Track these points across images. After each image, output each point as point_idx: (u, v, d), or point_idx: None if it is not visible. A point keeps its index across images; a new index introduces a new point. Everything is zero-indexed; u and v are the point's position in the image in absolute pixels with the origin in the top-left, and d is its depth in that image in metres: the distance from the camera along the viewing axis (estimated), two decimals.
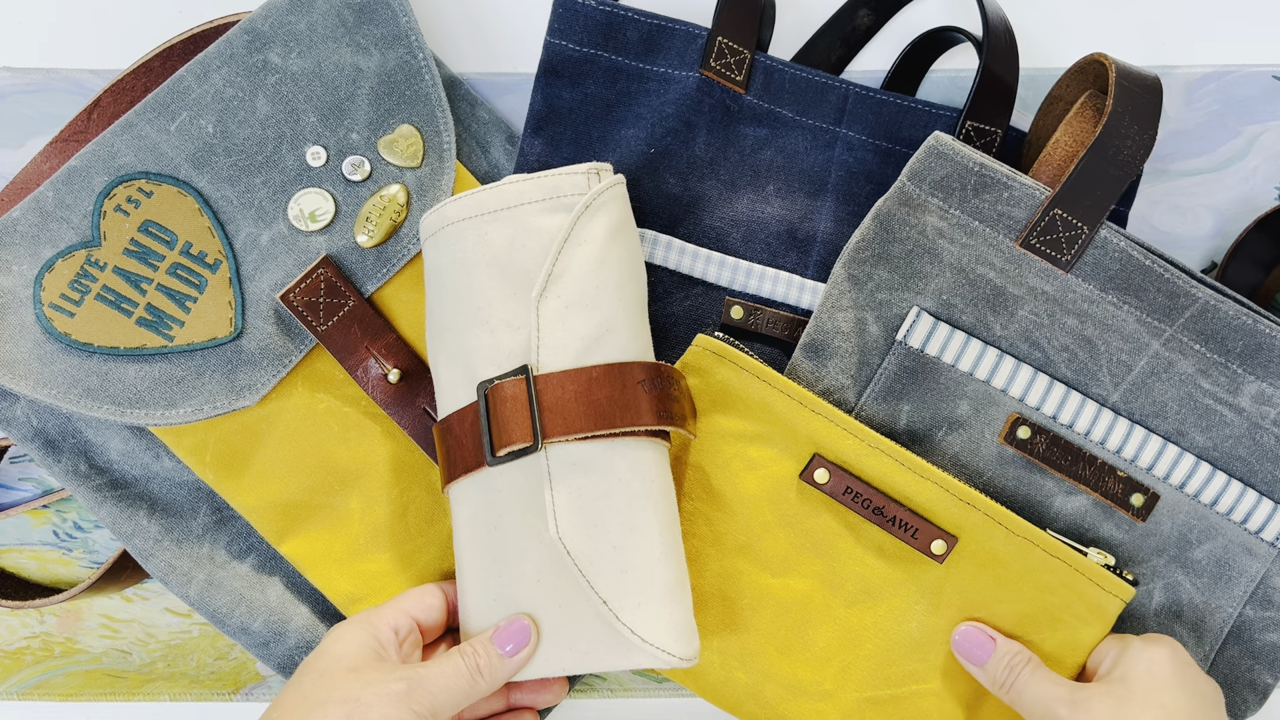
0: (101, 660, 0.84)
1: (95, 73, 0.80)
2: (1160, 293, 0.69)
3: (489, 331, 0.68)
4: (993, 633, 0.69)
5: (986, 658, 0.69)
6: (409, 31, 0.75)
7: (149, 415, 0.72)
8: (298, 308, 0.73)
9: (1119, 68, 0.69)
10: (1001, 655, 0.68)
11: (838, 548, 0.71)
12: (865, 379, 0.72)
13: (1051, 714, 0.65)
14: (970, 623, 0.70)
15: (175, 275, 0.72)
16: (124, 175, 0.71)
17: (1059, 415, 0.71)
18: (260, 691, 0.84)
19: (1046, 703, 0.65)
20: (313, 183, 0.74)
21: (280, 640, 0.76)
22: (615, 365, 0.67)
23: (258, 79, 0.73)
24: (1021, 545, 0.70)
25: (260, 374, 0.73)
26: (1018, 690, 0.67)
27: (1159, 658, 0.66)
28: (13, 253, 0.70)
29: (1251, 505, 0.71)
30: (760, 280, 0.77)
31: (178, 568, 0.75)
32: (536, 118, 0.77)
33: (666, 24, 0.76)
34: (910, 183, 0.70)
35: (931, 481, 0.70)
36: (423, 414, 0.75)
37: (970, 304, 0.71)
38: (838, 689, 0.72)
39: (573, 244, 0.67)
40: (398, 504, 0.76)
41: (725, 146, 0.76)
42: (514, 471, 0.66)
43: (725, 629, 0.72)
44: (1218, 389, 0.70)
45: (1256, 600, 0.72)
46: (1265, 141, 0.81)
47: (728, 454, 0.72)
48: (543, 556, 0.66)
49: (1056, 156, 0.70)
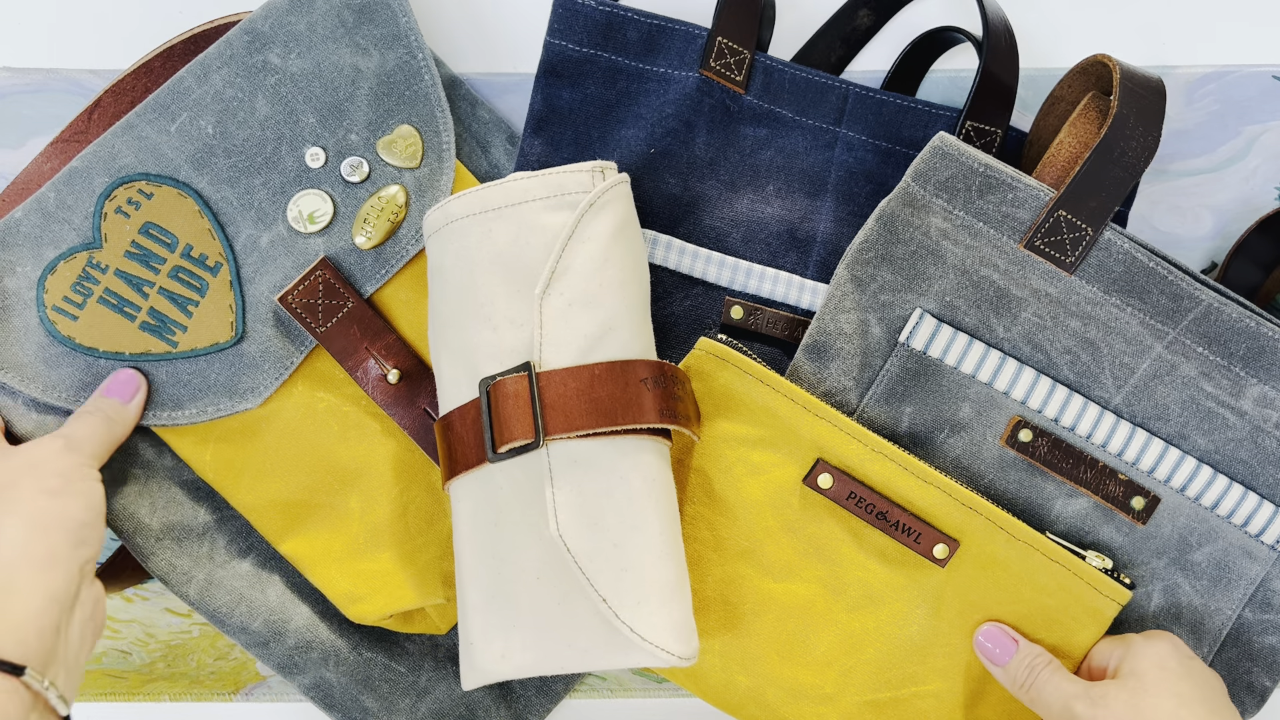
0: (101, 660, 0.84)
1: (95, 73, 0.79)
2: (1164, 295, 0.69)
3: (491, 328, 0.68)
4: (1015, 634, 0.70)
5: (1009, 658, 0.69)
6: (408, 32, 0.75)
7: (154, 417, 0.72)
8: (296, 309, 0.73)
9: (1123, 69, 0.69)
10: (1023, 656, 0.69)
11: (840, 553, 0.71)
12: (867, 381, 0.72)
13: (1070, 711, 0.65)
14: (993, 623, 0.70)
15: (176, 279, 0.72)
16: (124, 177, 0.71)
17: (1061, 418, 0.71)
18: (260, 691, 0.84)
19: (1065, 700, 0.66)
20: (312, 184, 0.74)
21: (280, 640, 0.76)
22: (618, 363, 0.67)
23: (257, 80, 0.73)
24: (1021, 549, 0.70)
25: (262, 377, 0.73)
26: (1037, 690, 0.67)
27: (1164, 651, 0.67)
28: (16, 254, 0.70)
29: (1252, 508, 0.71)
30: (760, 280, 0.77)
31: (178, 567, 0.75)
32: (536, 118, 0.77)
33: (666, 24, 0.76)
34: (914, 183, 0.70)
35: (934, 486, 0.70)
36: (423, 414, 0.75)
37: (973, 306, 0.71)
38: (838, 692, 0.72)
39: (576, 242, 0.68)
40: (398, 503, 0.76)
41: (725, 146, 0.76)
42: (515, 469, 0.66)
43: (727, 633, 0.72)
44: (1220, 392, 0.70)
45: (1256, 603, 0.72)
46: (1265, 141, 0.81)
47: (730, 458, 0.72)
48: (543, 554, 0.66)
49: (1060, 158, 0.70)
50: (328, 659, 0.77)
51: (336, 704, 0.77)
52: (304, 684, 0.77)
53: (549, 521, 0.65)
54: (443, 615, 0.78)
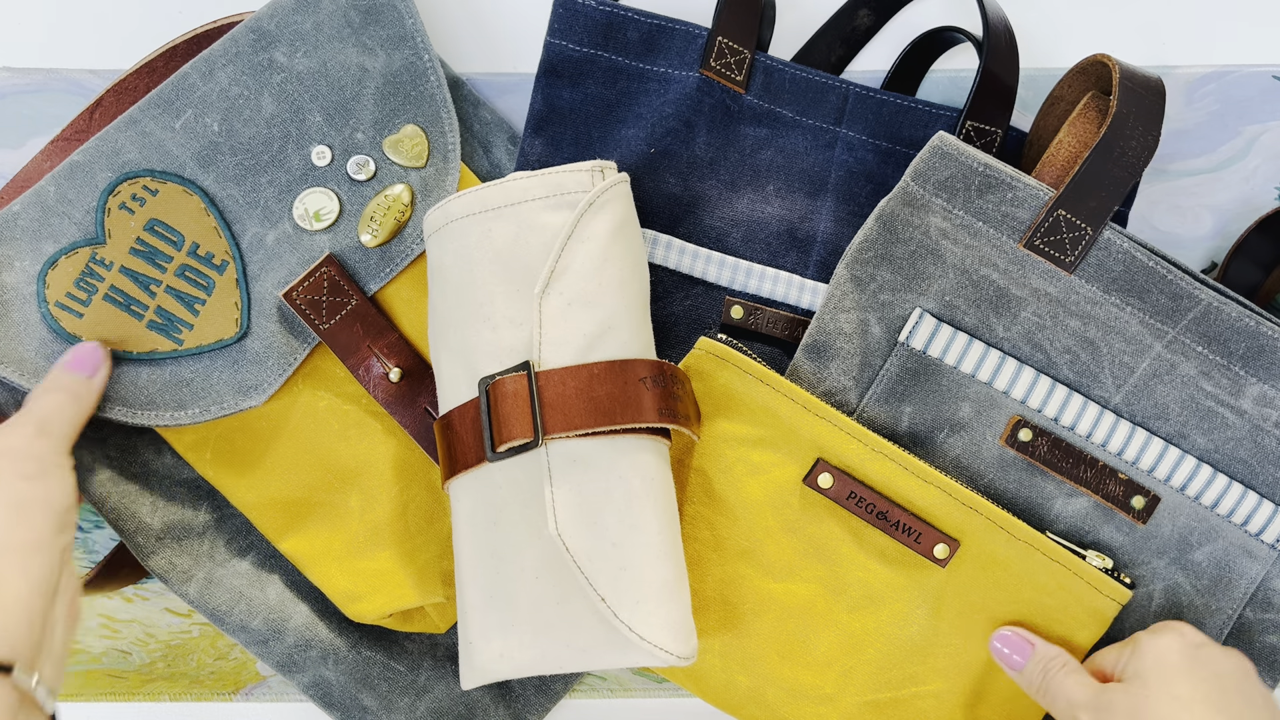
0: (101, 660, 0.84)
1: (95, 73, 0.79)
2: (1163, 294, 0.69)
3: (491, 328, 0.68)
4: (1032, 637, 0.69)
5: (1025, 661, 0.69)
6: (415, 32, 0.75)
7: (159, 417, 0.72)
8: (300, 306, 0.73)
9: (1123, 69, 0.69)
10: (1039, 658, 0.68)
11: (840, 553, 0.71)
12: (867, 381, 0.72)
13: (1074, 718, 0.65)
14: (1010, 628, 0.70)
15: (184, 278, 0.72)
16: (129, 172, 0.71)
17: (1060, 418, 0.71)
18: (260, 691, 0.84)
19: (1072, 710, 0.65)
20: (318, 182, 0.74)
21: (279, 638, 0.76)
22: (617, 362, 0.67)
23: (263, 78, 0.73)
24: (1022, 549, 0.70)
25: (266, 373, 0.73)
26: (1049, 691, 0.67)
27: (1165, 646, 0.65)
28: (14, 248, 0.70)
29: (1252, 507, 0.71)
30: (760, 280, 0.77)
31: (178, 565, 0.75)
32: (537, 118, 0.77)
33: (666, 24, 0.76)
34: (914, 183, 0.70)
35: (934, 485, 0.70)
36: (424, 413, 0.75)
37: (973, 305, 0.71)
38: (839, 692, 0.72)
39: (576, 241, 0.68)
40: (398, 502, 0.76)
41: (725, 146, 0.76)
42: (514, 468, 0.66)
43: (727, 633, 0.72)
44: (1220, 391, 0.70)
45: (1256, 602, 0.72)
46: (1265, 141, 0.81)
47: (730, 458, 0.72)
48: (542, 553, 0.66)
49: (1060, 157, 0.70)
50: (327, 657, 0.77)
51: (336, 703, 0.77)
52: (303, 682, 0.77)
53: (548, 521, 0.65)
54: (442, 614, 0.78)
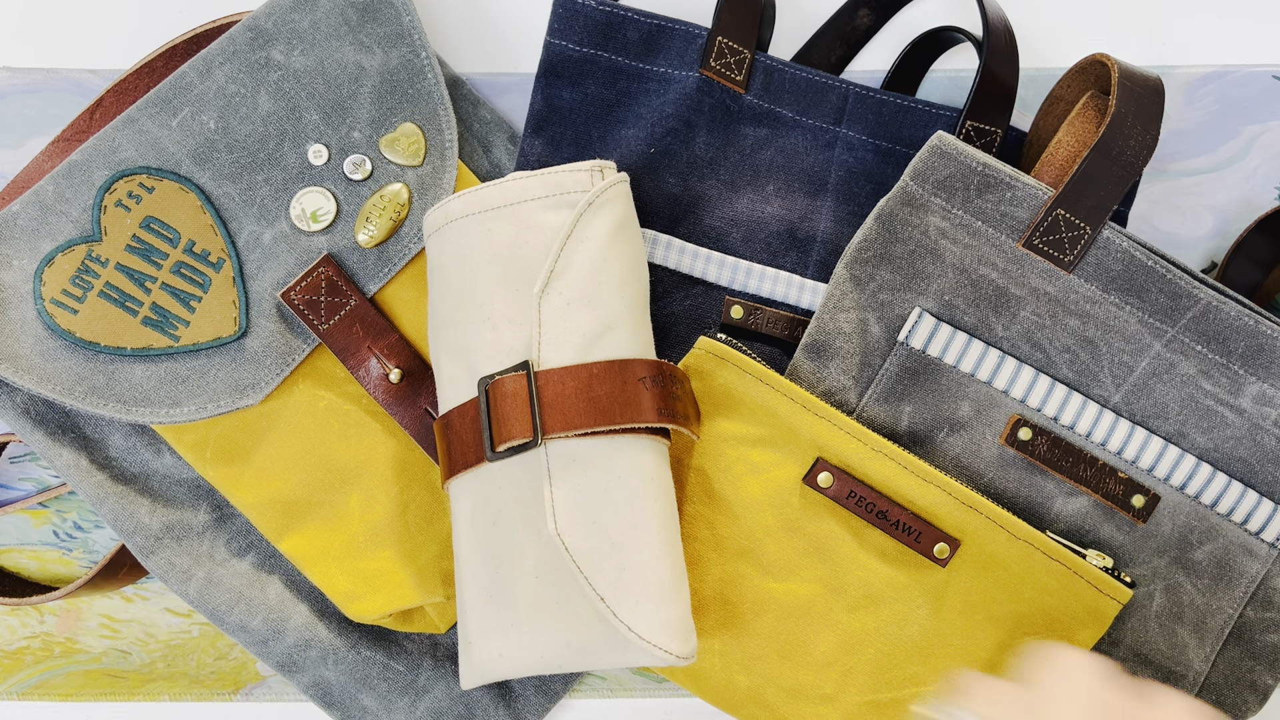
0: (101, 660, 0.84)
1: (95, 73, 0.80)
2: (1162, 293, 0.69)
3: (490, 327, 0.68)
4: None
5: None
6: (412, 30, 0.75)
7: (154, 414, 0.72)
8: (299, 306, 0.73)
9: (1121, 68, 0.69)
10: None
11: (840, 552, 0.71)
12: (867, 380, 0.72)
13: None
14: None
15: (179, 274, 0.72)
16: (125, 170, 0.71)
17: (1060, 417, 0.71)
18: (260, 691, 0.84)
19: None
20: (314, 181, 0.74)
21: (279, 638, 0.76)
22: (616, 362, 0.67)
23: (260, 76, 0.73)
24: (1022, 548, 0.70)
25: (264, 372, 0.73)
26: None
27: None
28: (13, 247, 0.70)
29: (1252, 506, 0.71)
30: (760, 280, 0.77)
31: (177, 565, 0.75)
32: (537, 118, 0.77)
33: (666, 24, 0.76)
34: (913, 182, 0.70)
35: (934, 485, 0.69)
36: (424, 413, 0.75)
37: (972, 305, 0.71)
38: (839, 692, 0.72)
39: (575, 241, 0.68)
40: (397, 502, 0.76)
41: (725, 146, 0.76)
42: (514, 467, 0.66)
43: (726, 633, 0.72)
44: (1219, 390, 0.70)
45: (1257, 601, 0.72)
46: (1265, 141, 0.81)
47: (730, 458, 0.72)
48: (541, 553, 0.66)
49: (1059, 157, 0.70)
50: (327, 657, 0.77)
51: (335, 702, 0.77)
52: (303, 682, 0.77)
53: (547, 520, 0.65)
54: (442, 614, 0.78)
